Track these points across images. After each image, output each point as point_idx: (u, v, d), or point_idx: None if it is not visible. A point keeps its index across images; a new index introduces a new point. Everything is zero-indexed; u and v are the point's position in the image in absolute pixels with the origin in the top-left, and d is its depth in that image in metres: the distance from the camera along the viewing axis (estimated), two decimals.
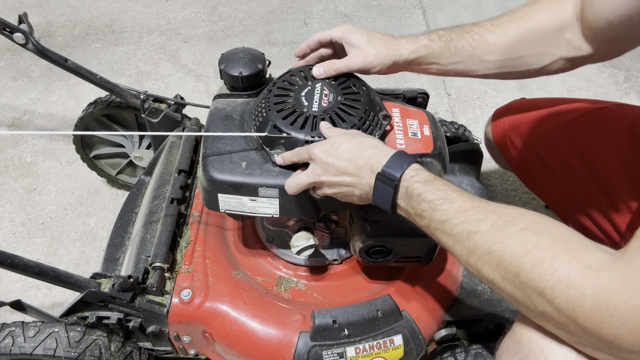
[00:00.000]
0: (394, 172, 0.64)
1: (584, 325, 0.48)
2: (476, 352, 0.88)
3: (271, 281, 0.98)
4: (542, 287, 0.49)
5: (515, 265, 0.51)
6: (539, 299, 0.50)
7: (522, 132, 1.04)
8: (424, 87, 1.19)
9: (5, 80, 1.92)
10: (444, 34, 0.85)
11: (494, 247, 0.53)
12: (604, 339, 0.47)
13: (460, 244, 0.57)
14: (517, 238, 0.52)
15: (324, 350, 0.85)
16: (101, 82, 1.15)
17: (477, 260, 0.55)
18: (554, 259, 0.49)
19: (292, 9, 2.24)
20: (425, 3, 2.27)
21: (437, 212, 0.60)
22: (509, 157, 1.09)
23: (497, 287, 0.55)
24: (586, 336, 0.49)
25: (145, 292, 0.89)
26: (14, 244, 1.44)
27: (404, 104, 0.92)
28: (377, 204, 0.69)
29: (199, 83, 1.92)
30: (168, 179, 1.10)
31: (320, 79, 0.85)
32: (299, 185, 0.75)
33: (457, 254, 0.58)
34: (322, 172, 0.72)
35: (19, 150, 1.68)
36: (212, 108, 0.91)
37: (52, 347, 0.83)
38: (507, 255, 0.52)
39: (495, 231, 0.54)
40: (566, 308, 0.48)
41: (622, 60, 1.99)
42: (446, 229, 0.59)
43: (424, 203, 0.61)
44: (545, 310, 0.51)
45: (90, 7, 2.25)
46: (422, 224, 0.64)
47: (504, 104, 1.16)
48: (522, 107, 1.09)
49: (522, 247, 0.51)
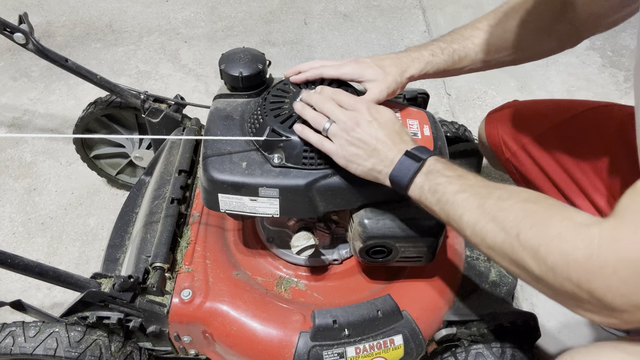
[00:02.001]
0: (421, 154, 0.70)
1: (577, 280, 0.50)
2: (477, 352, 0.88)
3: (271, 281, 0.98)
4: (537, 244, 0.53)
5: (516, 227, 0.56)
6: (534, 260, 0.54)
7: (515, 134, 1.05)
8: (424, 87, 1.20)
9: (5, 80, 1.92)
10: (445, 47, 0.88)
11: (499, 214, 0.59)
12: (596, 295, 0.49)
13: (469, 213, 0.62)
14: (519, 206, 0.58)
15: (324, 350, 0.85)
16: (101, 82, 1.15)
17: (483, 227, 0.60)
18: (549, 220, 0.54)
19: (292, 9, 2.25)
20: (425, 3, 2.27)
21: (451, 185, 0.65)
22: (502, 159, 1.09)
23: (497, 253, 0.59)
24: (581, 294, 0.51)
25: (145, 292, 0.89)
26: (14, 244, 1.44)
27: (404, 104, 0.92)
28: (393, 177, 0.71)
29: (199, 83, 1.92)
30: (168, 179, 1.10)
31: (314, 85, 0.86)
32: (329, 116, 0.75)
33: (464, 224, 0.62)
34: (354, 124, 0.72)
35: (19, 150, 1.68)
36: (213, 108, 0.91)
37: (53, 347, 0.83)
38: (509, 220, 0.57)
39: (502, 201, 0.59)
40: (560, 263, 0.51)
41: (622, 60, 2.00)
42: (457, 200, 0.64)
43: (442, 178, 0.66)
44: (541, 271, 0.54)
45: (90, 7, 2.25)
46: (434, 199, 0.67)
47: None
48: (515, 110, 1.09)
49: (523, 212, 0.57)
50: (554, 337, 1.26)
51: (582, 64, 1.99)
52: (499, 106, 1.15)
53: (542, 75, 1.95)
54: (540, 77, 1.94)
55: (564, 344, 1.25)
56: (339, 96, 0.77)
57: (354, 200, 0.82)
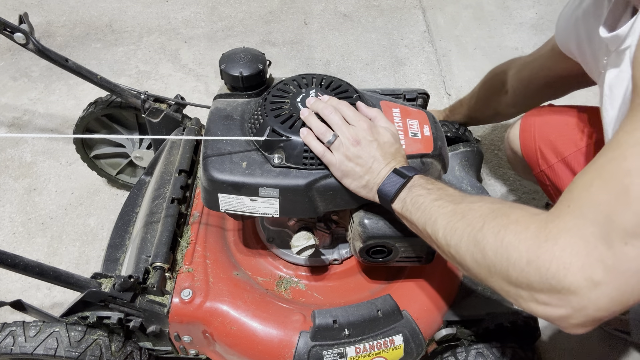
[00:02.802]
0: (408, 172, 0.75)
1: (527, 257, 0.53)
2: (477, 352, 0.88)
3: (271, 281, 0.98)
4: (497, 230, 0.58)
5: (481, 220, 0.61)
6: (492, 245, 0.58)
7: (556, 145, 1.04)
8: (424, 87, 1.20)
9: (5, 80, 1.92)
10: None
11: (469, 213, 0.64)
12: (543, 269, 0.51)
13: (443, 216, 0.67)
14: (487, 206, 0.63)
15: (325, 350, 0.85)
16: (101, 82, 1.15)
17: (453, 225, 0.65)
18: (510, 213, 0.59)
19: (292, 9, 2.25)
20: (425, 3, 2.27)
21: (431, 195, 0.70)
22: (536, 170, 1.08)
23: (463, 249, 0.63)
24: (532, 274, 0.53)
25: (145, 292, 0.89)
26: (14, 244, 1.44)
27: (404, 104, 0.92)
28: (380, 191, 0.75)
29: (199, 83, 1.92)
30: (168, 179, 1.10)
31: (313, 87, 0.86)
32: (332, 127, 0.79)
33: (438, 226, 0.67)
34: (355, 142, 0.76)
35: (19, 150, 1.68)
36: (213, 108, 0.91)
37: (53, 347, 0.83)
38: (476, 217, 0.62)
39: (472, 204, 0.65)
40: (513, 241, 0.55)
41: None
42: (434, 206, 0.69)
43: (423, 190, 0.72)
44: (496, 256, 0.57)
45: (90, 7, 2.25)
46: (414, 208, 0.71)
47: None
48: (553, 117, 1.08)
49: (489, 210, 0.62)
50: (554, 337, 1.26)
51: None
52: (534, 110, 1.15)
53: None
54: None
55: (564, 344, 1.25)
56: (344, 109, 0.80)
57: (354, 200, 0.82)
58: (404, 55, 2.02)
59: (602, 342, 1.25)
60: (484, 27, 2.13)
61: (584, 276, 0.49)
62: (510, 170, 1.63)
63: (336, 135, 0.77)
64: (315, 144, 0.79)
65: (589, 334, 1.27)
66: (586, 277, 0.49)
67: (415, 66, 1.98)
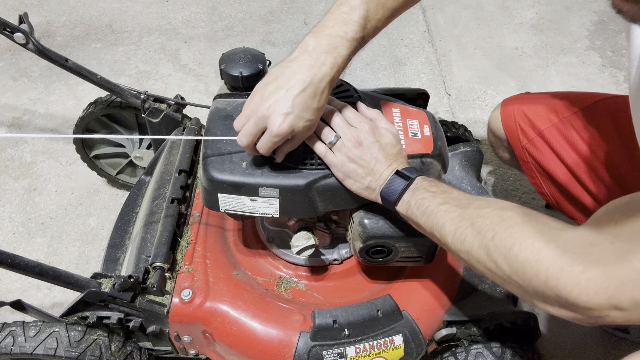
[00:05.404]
0: (410, 173, 0.75)
1: (546, 277, 0.53)
2: (477, 352, 0.88)
3: (271, 281, 0.98)
4: (511, 244, 0.58)
5: (492, 230, 0.61)
6: (507, 259, 0.58)
7: (532, 122, 1.08)
8: (424, 87, 1.20)
9: (5, 80, 1.92)
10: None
11: (477, 219, 0.63)
12: (563, 292, 0.52)
13: (450, 221, 0.66)
14: (496, 212, 0.63)
15: (324, 350, 0.85)
16: (101, 82, 1.15)
17: (462, 232, 0.64)
18: (524, 224, 0.59)
19: (292, 9, 2.25)
20: (425, 3, 2.27)
21: (436, 199, 0.70)
22: (518, 147, 1.11)
23: (474, 256, 0.63)
24: (548, 291, 0.54)
25: (145, 292, 0.89)
26: (14, 244, 1.44)
27: (404, 104, 0.92)
28: (383, 194, 0.75)
29: (199, 83, 1.92)
30: (168, 179, 1.10)
31: None
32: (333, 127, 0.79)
33: (446, 232, 0.67)
34: (358, 143, 0.76)
35: (19, 150, 1.68)
36: (213, 108, 0.91)
37: (53, 347, 0.83)
38: (486, 225, 0.62)
39: (480, 209, 0.65)
40: (531, 259, 0.55)
41: (622, 60, 2.00)
42: (440, 211, 0.68)
43: (427, 193, 0.71)
44: (512, 270, 0.57)
45: (90, 7, 2.25)
46: (419, 212, 0.71)
47: None
48: (529, 99, 1.13)
49: (499, 218, 0.62)
50: (554, 337, 1.26)
51: (582, 64, 1.99)
52: (512, 96, 1.18)
53: (542, 75, 1.95)
54: (540, 77, 1.94)
55: (564, 344, 1.25)
56: (346, 111, 0.81)
57: (354, 201, 0.82)
58: (403, 55, 2.03)
59: (602, 341, 1.26)
60: (484, 27, 2.13)
61: (608, 303, 0.50)
62: (510, 170, 1.63)
63: (338, 136, 0.78)
64: (318, 145, 0.79)
65: (588, 334, 1.27)
66: (610, 305, 0.50)
67: (415, 66, 1.98)
